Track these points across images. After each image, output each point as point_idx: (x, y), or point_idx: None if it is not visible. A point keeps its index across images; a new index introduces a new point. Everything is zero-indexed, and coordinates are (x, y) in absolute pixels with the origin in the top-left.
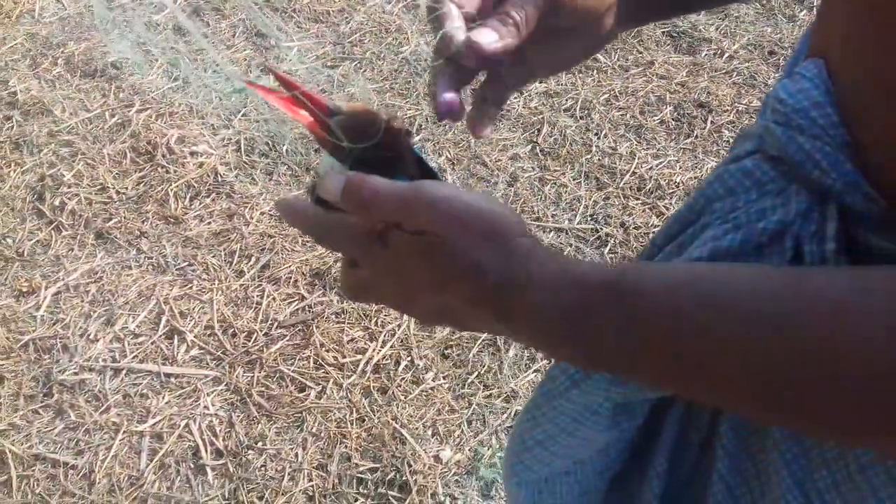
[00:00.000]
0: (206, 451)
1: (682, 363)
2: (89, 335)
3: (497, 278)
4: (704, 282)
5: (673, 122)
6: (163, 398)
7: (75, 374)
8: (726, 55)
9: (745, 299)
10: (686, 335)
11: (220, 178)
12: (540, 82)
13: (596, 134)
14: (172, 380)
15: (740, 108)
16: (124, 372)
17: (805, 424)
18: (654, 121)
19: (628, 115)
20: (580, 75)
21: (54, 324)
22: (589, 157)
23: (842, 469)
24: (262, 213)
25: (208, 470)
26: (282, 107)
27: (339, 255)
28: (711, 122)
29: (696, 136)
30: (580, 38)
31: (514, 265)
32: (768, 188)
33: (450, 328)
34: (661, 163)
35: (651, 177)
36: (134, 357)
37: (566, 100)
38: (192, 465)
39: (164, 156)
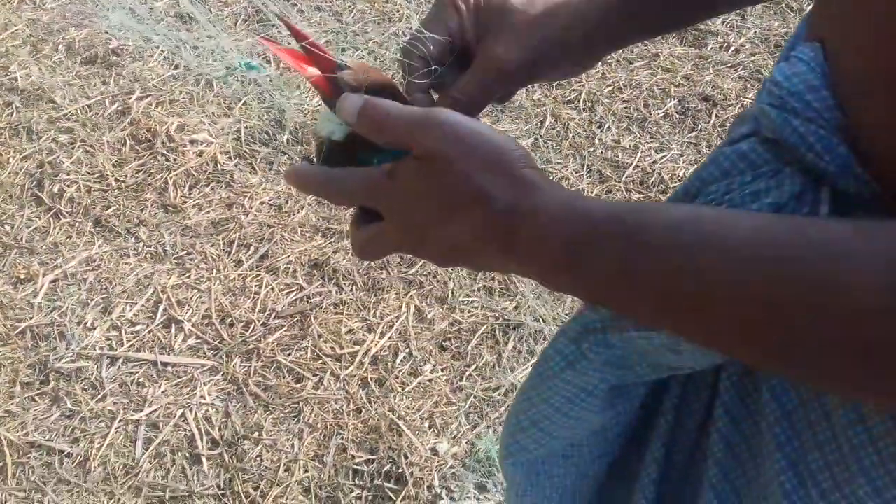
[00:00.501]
0: (202, 440)
1: (681, 300)
2: (86, 323)
3: (502, 206)
4: (708, 222)
5: (677, 116)
6: (159, 387)
7: (72, 361)
8: (732, 48)
9: (748, 242)
10: (687, 273)
11: (219, 167)
12: None
13: (599, 126)
14: (169, 369)
15: (745, 102)
16: (121, 360)
17: (803, 369)
18: (659, 114)
19: (632, 108)
20: None
21: (52, 311)
22: (592, 149)
23: (834, 451)
24: (261, 203)
25: (204, 460)
26: (291, 62)
27: (349, 214)
28: (716, 115)
29: (701, 130)
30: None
31: (519, 194)
32: (763, 170)
33: (463, 267)
34: (664, 156)
35: (654, 170)
36: (131, 346)
37: (570, 92)
38: (187, 455)
39: (163, 144)
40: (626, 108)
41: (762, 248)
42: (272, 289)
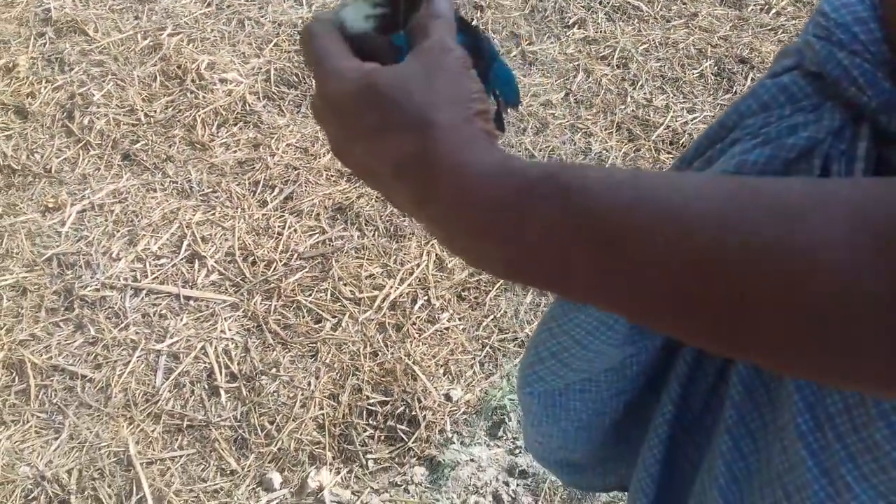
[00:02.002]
0: (221, 373)
1: (615, 267)
2: (112, 254)
3: (434, 144)
4: (651, 181)
5: (712, 77)
6: (181, 320)
7: (96, 290)
8: (773, 11)
9: (696, 200)
10: (629, 234)
11: (248, 108)
12: (578, 28)
13: (632, 84)
14: (191, 303)
15: None
16: (144, 292)
17: (755, 347)
18: (693, 74)
19: (667, 67)
20: (620, 23)
21: (78, 240)
22: (623, 107)
23: (854, 394)
24: (288, 145)
25: (222, 392)
26: None
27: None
28: (752, 79)
29: (735, 93)
30: None
31: (454, 146)
32: (803, 104)
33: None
34: (696, 118)
35: (685, 131)
36: (155, 278)
37: (604, 48)
38: (206, 387)
39: (193, 81)
40: (660, 66)
41: (707, 208)
42: (295, 230)
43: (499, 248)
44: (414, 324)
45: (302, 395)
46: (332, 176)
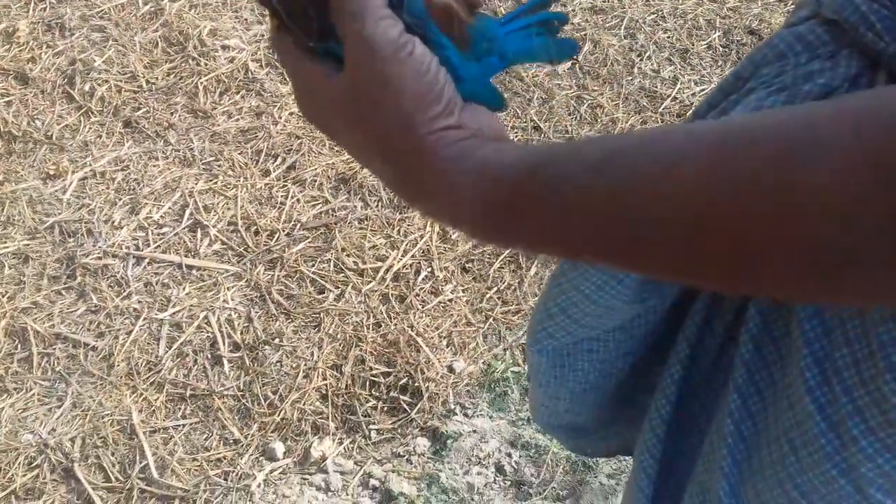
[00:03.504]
0: (224, 343)
1: (619, 242)
2: (114, 222)
3: (406, 175)
4: (630, 151)
5: (721, 48)
6: (183, 289)
7: (99, 258)
8: None
9: (676, 162)
10: (628, 212)
11: (250, 75)
12: None
13: (639, 55)
14: (194, 272)
15: None
16: (147, 261)
17: (773, 283)
18: (702, 45)
19: (675, 38)
20: None
21: (80, 208)
22: (630, 78)
23: (863, 348)
24: (290, 114)
25: (225, 361)
26: None
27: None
28: None
29: None
30: None
31: (423, 171)
32: (819, 52)
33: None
34: (704, 89)
35: (693, 103)
36: (157, 247)
37: (611, 18)
38: (209, 356)
39: (195, 48)
40: (668, 37)
41: (695, 162)
42: (298, 200)
43: (503, 241)
44: (417, 295)
45: (305, 365)
46: (335, 146)
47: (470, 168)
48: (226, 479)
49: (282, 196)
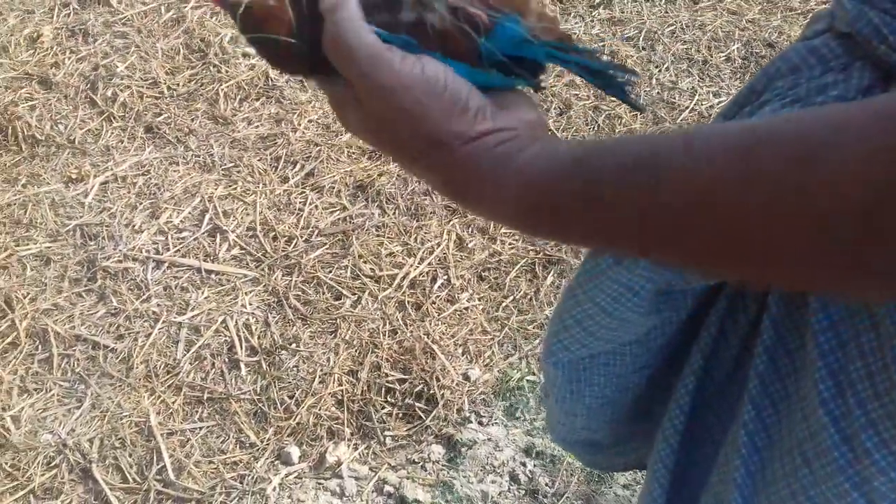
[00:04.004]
0: (241, 347)
1: (653, 235)
2: (134, 226)
3: (450, 184)
4: (664, 150)
5: (739, 60)
6: (202, 293)
7: (119, 262)
8: None
9: (705, 159)
10: (651, 212)
11: (270, 83)
12: (604, 8)
13: (657, 66)
14: (213, 276)
15: None
16: (166, 265)
17: (789, 275)
18: (720, 57)
19: (693, 50)
20: (647, 4)
21: (101, 212)
22: (648, 90)
23: (878, 361)
24: (309, 121)
25: (242, 365)
26: None
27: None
28: None
29: None
30: None
31: (468, 170)
32: (832, 65)
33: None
34: (722, 101)
35: (711, 115)
36: (176, 251)
37: (630, 28)
38: (226, 360)
39: (216, 55)
40: (686, 49)
41: (727, 162)
42: (316, 206)
43: (542, 236)
44: (433, 303)
45: (321, 370)
46: (353, 153)
47: (511, 173)
48: (241, 483)
49: (300, 202)
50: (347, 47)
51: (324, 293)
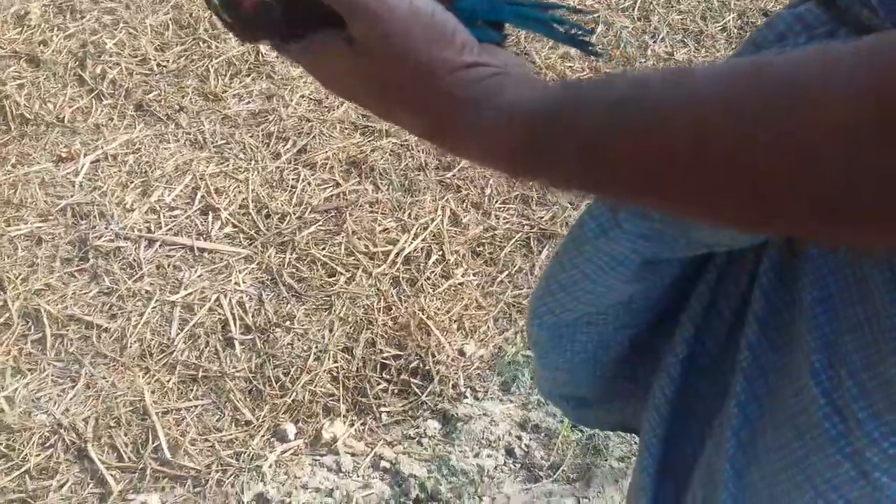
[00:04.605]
0: (236, 325)
1: (647, 179)
2: (126, 204)
3: (438, 125)
4: (653, 88)
5: (735, 30)
6: (195, 271)
7: (111, 241)
8: None
9: (705, 87)
10: (643, 151)
11: (261, 58)
12: None
13: (652, 37)
14: (205, 255)
15: None
16: (158, 243)
17: (791, 222)
18: (716, 27)
19: (689, 20)
20: None
21: (92, 191)
22: (643, 60)
23: (868, 333)
24: (301, 97)
25: (236, 343)
26: None
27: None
28: None
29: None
30: None
31: (455, 108)
32: (818, 31)
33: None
34: None
35: None
36: (168, 230)
37: None
38: (220, 338)
39: (206, 30)
40: (682, 19)
41: (716, 98)
42: (309, 183)
43: (533, 179)
44: (428, 279)
45: (316, 347)
46: (346, 128)
47: (499, 107)
48: (237, 460)
49: (293, 179)
50: None
51: (318, 270)
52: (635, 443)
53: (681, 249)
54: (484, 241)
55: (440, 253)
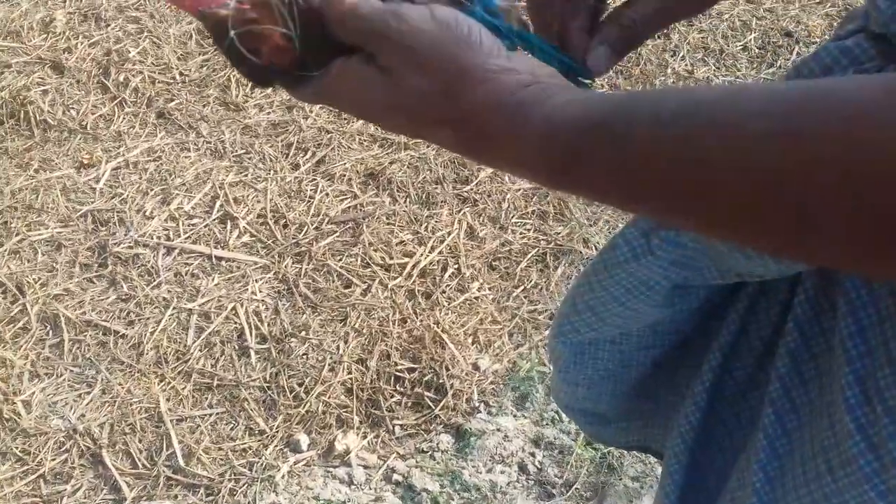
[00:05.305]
0: (251, 334)
1: (680, 193)
2: (145, 212)
3: (468, 139)
4: (705, 103)
5: (756, 50)
6: (212, 280)
7: (130, 248)
8: None
9: (754, 116)
10: (683, 162)
11: None
12: None
13: (673, 55)
14: (223, 263)
15: None
16: (177, 251)
17: (829, 249)
18: (737, 47)
19: (710, 39)
20: None
21: (112, 197)
22: (663, 78)
23: None
24: (321, 108)
25: (252, 353)
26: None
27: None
28: (797, 53)
29: (780, 67)
30: None
31: (494, 116)
32: (866, 67)
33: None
34: None
35: None
36: (187, 237)
37: None
38: (236, 347)
39: None
40: (703, 37)
41: (771, 118)
42: (327, 194)
43: (566, 189)
44: (444, 292)
45: (331, 358)
46: (364, 141)
47: (538, 118)
48: (250, 470)
49: (311, 190)
50: (358, 17)
51: (334, 281)
52: (650, 462)
53: (712, 277)
54: (500, 255)
55: (456, 266)
